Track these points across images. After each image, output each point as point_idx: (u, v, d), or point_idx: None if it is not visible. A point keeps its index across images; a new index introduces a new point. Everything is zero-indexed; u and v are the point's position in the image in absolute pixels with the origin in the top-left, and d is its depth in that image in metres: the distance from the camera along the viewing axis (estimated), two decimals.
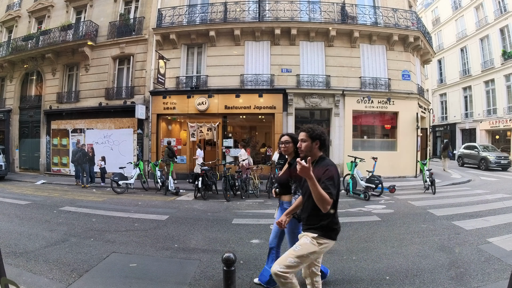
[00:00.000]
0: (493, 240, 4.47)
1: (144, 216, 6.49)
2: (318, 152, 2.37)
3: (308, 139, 2.34)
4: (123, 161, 11.43)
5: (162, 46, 13.31)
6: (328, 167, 2.23)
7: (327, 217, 2.22)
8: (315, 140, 2.33)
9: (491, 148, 17.80)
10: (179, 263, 3.92)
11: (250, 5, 13.12)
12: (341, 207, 7.23)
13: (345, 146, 12.58)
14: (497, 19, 20.56)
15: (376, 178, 8.55)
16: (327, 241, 2.28)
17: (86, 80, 14.55)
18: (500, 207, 6.82)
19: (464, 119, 23.81)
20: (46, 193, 9.63)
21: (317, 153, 2.36)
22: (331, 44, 12.95)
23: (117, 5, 14.36)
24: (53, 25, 15.23)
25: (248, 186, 9.01)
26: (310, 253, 2.25)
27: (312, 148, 2.34)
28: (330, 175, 2.15)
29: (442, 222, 5.65)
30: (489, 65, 21.22)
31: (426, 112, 15.90)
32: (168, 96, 12.84)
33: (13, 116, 16.31)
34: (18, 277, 3.32)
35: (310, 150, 2.34)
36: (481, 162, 16.58)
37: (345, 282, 3.30)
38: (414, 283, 3.22)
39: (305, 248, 2.26)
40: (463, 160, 18.43)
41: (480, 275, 3.34)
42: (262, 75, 12.85)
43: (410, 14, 13.70)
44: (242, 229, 5.42)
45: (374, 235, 5.05)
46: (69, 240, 4.72)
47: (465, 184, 11.14)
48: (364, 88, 12.96)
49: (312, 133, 2.34)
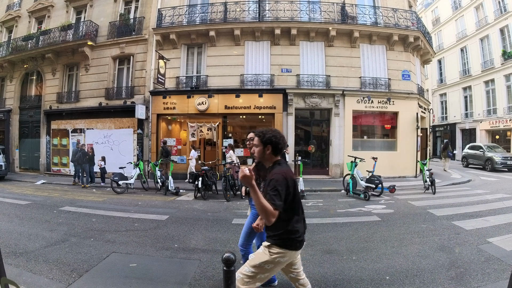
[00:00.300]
0: (493, 240, 4.47)
1: (144, 216, 6.49)
2: (273, 157, 2.23)
3: (260, 144, 2.22)
4: (123, 161, 11.42)
5: (162, 46, 13.31)
6: (274, 175, 2.08)
7: (282, 226, 2.11)
8: (267, 145, 2.19)
9: (497, 148, 17.16)
10: (179, 263, 3.92)
11: (250, 5, 13.12)
12: (341, 207, 7.25)
13: (345, 146, 12.58)
14: (497, 19, 20.56)
15: (376, 178, 8.55)
16: (281, 251, 2.14)
17: (86, 80, 14.55)
18: (500, 207, 6.82)
19: (464, 119, 23.80)
20: (46, 193, 9.63)
21: (271, 158, 2.23)
22: (331, 44, 12.95)
23: (117, 5, 14.37)
24: (53, 25, 15.23)
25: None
26: (263, 263, 2.15)
27: (264, 154, 2.21)
28: (273, 186, 2.02)
29: (442, 222, 5.65)
30: (489, 65, 21.21)
31: (426, 112, 15.90)
32: (168, 96, 12.84)
33: (13, 116, 16.31)
34: (18, 277, 3.32)
35: (262, 155, 2.22)
36: (486, 163, 15.97)
37: (345, 282, 3.30)
38: (414, 283, 3.22)
39: (257, 258, 2.19)
40: (467, 160, 17.79)
41: (480, 275, 3.34)
42: (262, 75, 12.85)
43: (410, 14, 13.70)
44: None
45: (374, 235, 5.04)
46: (69, 240, 4.72)
47: (465, 184, 11.13)
48: (364, 88, 12.96)
49: (263, 138, 2.20)
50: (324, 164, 13.33)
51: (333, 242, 4.66)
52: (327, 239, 4.84)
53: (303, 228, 2.24)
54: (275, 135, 2.22)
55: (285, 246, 2.15)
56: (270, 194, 2.00)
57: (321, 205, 7.58)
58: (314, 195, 9.11)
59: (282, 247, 2.14)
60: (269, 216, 1.94)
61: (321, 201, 8.06)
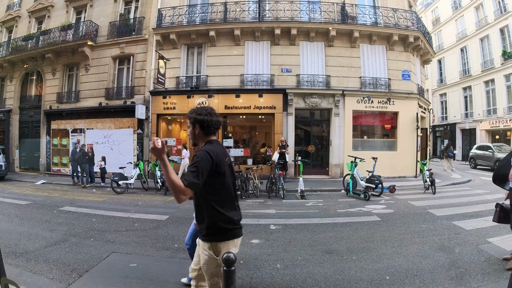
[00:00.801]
0: (493, 240, 4.47)
1: (144, 216, 6.50)
2: (205, 138, 2.08)
3: (190, 125, 2.10)
4: (123, 161, 11.43)
5: (162, 46, 13.31)
6: (198, 153, 1.94)
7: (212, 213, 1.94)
8: (195, 125, 2.06)
9: (506, 147, 16.32)
10: (179, 263, 3.92)
11: (250, 5, 13.12)
12: (341, 207, 7.25)
13: (345, 146, 12.57)
14: (497, 19, 20.56)
15: (376, 178, 8.54)
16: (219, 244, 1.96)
17: (86, 80, 14.55)
18: None
19: (464, 119, 23.80)
20: (46, 193, 9.63)
21: (203, 138, 2.08)
22: (331, 44, 12.95)
23: (117, 5, 14.36)
24: (53, 25, 15.23)
25: (248, 186, 9.01)
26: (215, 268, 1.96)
27: (194, 134, 2.08)
28: (193, 162, 1.87)
29: (442, 222, 5.65)
30: (489, 65, 21.21)
31: (426, 112, 15.90)
32: (168, 96, 12.84)
33: (13, 116, 16.31)
34: (18, 277, 3.32)
35: (194, 136, 2.10)
36: (496, 164, 14.77)
37: (345, 282, 3.30)
38: (414, 283, 3.22)
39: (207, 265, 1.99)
40: (475, 161, 16.95)
41: (480, 275, 3.34)
42: (262, 75, 12.85)
43: (410, 14, 13.70)
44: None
45: (374, 235, 5.04)
46: (69, 240, 4.72)
47: (465, 184, 11.14)
48: (364, 88, 12.95)
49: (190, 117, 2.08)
50: (324, 164, 13.32)
51: (333, 242, 4.66)
52: (327, 239, 4.84)
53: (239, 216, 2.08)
54: (201, 113, 2.06)
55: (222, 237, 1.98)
56: (188, 170, 1.85)
57: (321, 205, 7.58)
58: (314, 195, 9.11)
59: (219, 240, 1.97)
60: (178, 193, 1.75)
61: (321, 201, 8.06)
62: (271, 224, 5.72)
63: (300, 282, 3.31)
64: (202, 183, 1.85)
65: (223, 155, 2.06)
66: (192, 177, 1.80)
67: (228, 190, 2.03)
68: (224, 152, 2.10)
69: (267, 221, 5.92)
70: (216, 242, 1.97)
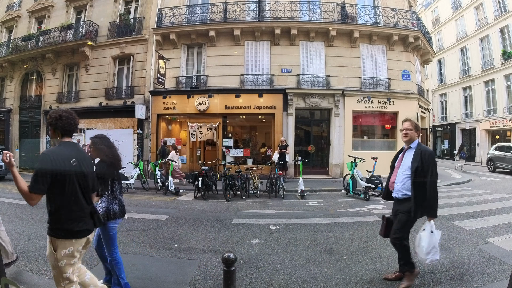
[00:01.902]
0: (493, 240, 4.47)
1: (144, 216, 6.49)
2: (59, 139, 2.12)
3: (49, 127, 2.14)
4: (123, 161, 11.36)
5: (162, 46, 13.31)
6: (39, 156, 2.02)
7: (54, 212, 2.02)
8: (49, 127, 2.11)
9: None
10: (179, 263, 3.92)
11: (250, 5, 13.12)
12: (341, 207, 7.24)
13: (345, 146, 12.58)
14: (497, 19, 20.56)
15: (376, 178, 8.53)
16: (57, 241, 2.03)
17: (86, 80, 14.55)
18: (500, 207, 6.82)
19: (464, 119, 23.81)
20: None
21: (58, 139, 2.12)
22: (331, 44, 12.95)
23: (117, 5, 14.37)
24: (53, 25, 15.24)
25: (248, 186, 9.01)
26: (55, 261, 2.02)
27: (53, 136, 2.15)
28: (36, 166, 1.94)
29: (442, 222, 5.64)
30: (489, 65, 21.22)
31: (426, 112, 15.92)
32: (168, 96, 12.84)
33: (13, 116, 16.31)
34: (18, 277, 3.32)
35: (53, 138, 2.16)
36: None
37: (345, 282, 3.30)
38: (414, 283, 3.22)
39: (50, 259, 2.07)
40: (494, 164, 15.23)
41: (480, 275, 3.34)
42: (262, 75, 12.85)
43: (410, 14, 13.71)
44: (242, 229, 5.42)
45: (374, 235, 5.03)
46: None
47: (465, 184, 11.14)
48: (364, 88, 12.96)
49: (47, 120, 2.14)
50: (324, 164, 13.32)
51: (333, 242, 4.65)
52: (327, 239, 4.84)
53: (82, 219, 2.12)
54: (51, 115, 2.10)
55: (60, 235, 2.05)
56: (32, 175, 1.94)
57: (321, 205, 7.58)
58: (314, 195, 9.10)
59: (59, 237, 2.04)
60: (26, 199, 1.90)
61: (321, 201, 8.06)
62: (271, 224, 5.72)
63: (300, 282, 3.31)
64: (47, 185, 1.95)
65: (68, 157, 2.07)
66: (34, 181, 1.90)
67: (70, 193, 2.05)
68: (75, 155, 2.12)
69: (267, 221, 5.92)
70: (55, 239, 2.05)
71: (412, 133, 3.23)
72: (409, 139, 3.24)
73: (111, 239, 2.88)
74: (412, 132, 3.23)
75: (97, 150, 2.92)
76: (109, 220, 2.81)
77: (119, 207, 2.91)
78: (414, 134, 3.23)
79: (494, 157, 15.47)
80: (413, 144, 3.22)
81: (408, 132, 3.22)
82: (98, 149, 2.91)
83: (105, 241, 2.90)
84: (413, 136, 3.23)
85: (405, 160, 3.22)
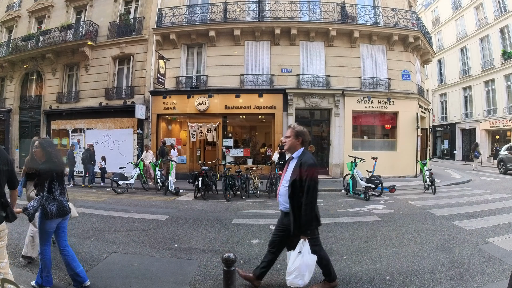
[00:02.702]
0: (493, 240, 4.47)
1: (144, 216, 6.49)
2: None
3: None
4: (123, 161, 11.43)
5: (162, 46, 13.30)
6: None
7: None
8: None
9: None
10: (179, 263, 3.92)
11: (250, 5, 13.12)
12: (341, 207, 7.25)
13: (345, 146, 12.58)
14: (497, 19, 20.56)
15: (376, 178, 8.55)
16: None
17: (86, 80, 14.55)
18: (500, 207, 6.82)
19: (464, 119, 23.81)
20: None
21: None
22: (331, 44, 12.95)
23: (117, 5, 14.37)
24: (53, 25, 15.23)
25: (248, 186, 9.01)
26: None
27: None
28: None
29: (442, 222, 5.65)
30: (489, 65, 21.22)
31: (426, 112, 15.90)
32: (168, 96, 12.84)
33: (13, 116, 16.31)
34: (18, 277, 3.31)
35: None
36: None
37: (345, 282, 3.30)
38: (414, 283, 3.22)
39: None
40: (506, 165, 14.28)
41: (480, 275, 3.34)
42: (262, 75, 12.85)
43: (410, 14, 13.70)
44: (242, 229, 5.42)
45: (374, 235, 5.04)
46: (69, 240, 4.69)
47: (465, 184, 11.14)
48: (364, 88, 12.96)
49: None
50: (324, 164, 13.31)
51: (333, 242, 4.65)
52: (327, 239, 4.83)
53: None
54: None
55: None
56: None
57: (321, 205, 7.56)
58: None
59: None
60: None
61: (321, 201, 8.04)
62: (271, 224, 5.71)
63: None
64: None
65: None
66: None
67: None
68: None
69: (267, 221, 5.92)
70: None
71: (290, 141, 2.87)
72: (288, 148, 2.91)
73: (45, 235, 3.06)
74: (290, 140, 2.87)
75: (40, 152, 3.14)
76: (47, 219, 2.98)
77: (56, 208, 3.04)
78: (294, 143, 2.86)
79: (505, 158, 14.60)
80: (296, 154, 2.87)
81: (286, 140, 2.89)
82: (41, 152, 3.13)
83: (40, 235, 3.09)
84: (292, 144, 2.87)
85: (288, 171, 2.91)
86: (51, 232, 3.09)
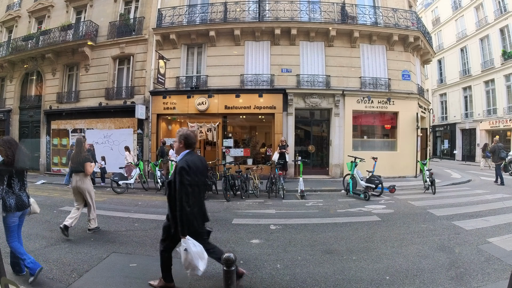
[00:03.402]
0: (493, 240, 4.47)
1: (144, 216, 6.50)
2: None
3: None
4: (123, 161, 11.43)
5: (162, 46, 13.30)
6: None
7: None
8: None
9: None
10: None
11: (250, 5, 13.12)
12: (341, 207, 7.24)
13: (345, 146, 12.57)
14: (497, 19, 20.57)
15: (376, 178, 8.54)
16: None
17: (86, 80, 14.55)
18: (500, 207, 6.82)
19: (464, 119, 23.81)
20: (46, 193, 9.63)
21: None
22: (331, 44, 12.95)
23: (117, 5, 14.36)
24: (53, 25, 15.23)
25: (248, 186, 9.01)
26: None
27: None
28: None
29: (442, 222, 5.65)
30: (489, 65, 21.22)
31: (426, 112, 15.90)
32: (168, 96, 12.84)
33: (13, 116, 16.31)
34: (18, 277, 3.31)
35: None
36: None
37: (345, 282, 3.30)
38: (414, 283, 3.22)
39: None
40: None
41: (480, 275, 3.34)
42: (262, 75, 12.85)
43: (410, 14, 13.70)
44: (242, 229, 5.43)
45: (374, 235, 5.04)
46: (69, 240, 4.72)
47: (465, 184, 11.14)
48: (364, 88, 12.95)
49: None
50: (324, 164, 13.32)
51: (333, 242, 4.65)
52: (327, 239, 4.84)
53: None
54: None
55: None
56: None
57: (321, 205, 7.58)
58: (314, 195, 9.10)
59: None
60: None
61: (321, 201, 8.06)
62: (271, 224, 5.72)
63: (300, 282, 3.31)
64: None
65: None
66: None
67: None
68: None
69: (267, 221, 5.92)
70: None
71: (176, 144, 3.06)
72: (175, 151, 3.12)
73: (8, 229, 3.26)
74: (176, 144, 3.05)
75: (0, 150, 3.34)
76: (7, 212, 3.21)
77: (15, 202, 3.26)
78: (177, 146, 3.04)
79: None
80: (179, 157, 3.02)
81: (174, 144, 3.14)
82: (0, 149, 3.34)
83: (5, 230, 3.28)
84: (177, 148, 3.06)
85: None
86: (14, 227, 3.28)
